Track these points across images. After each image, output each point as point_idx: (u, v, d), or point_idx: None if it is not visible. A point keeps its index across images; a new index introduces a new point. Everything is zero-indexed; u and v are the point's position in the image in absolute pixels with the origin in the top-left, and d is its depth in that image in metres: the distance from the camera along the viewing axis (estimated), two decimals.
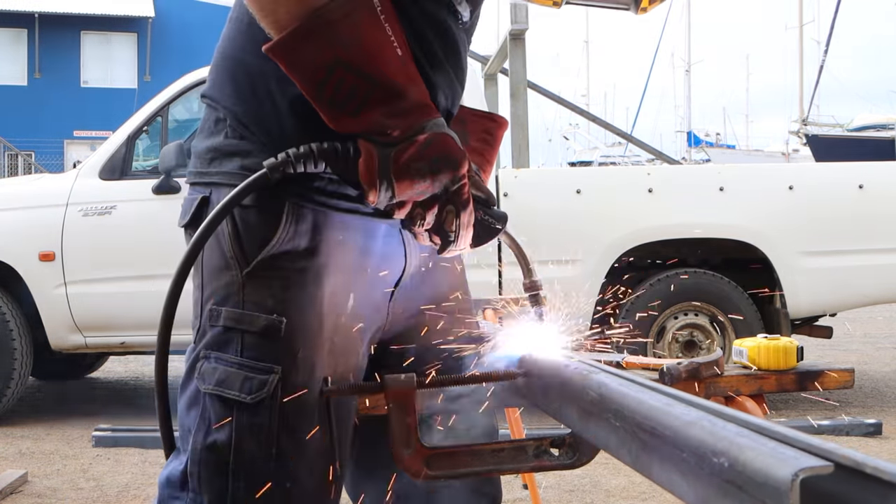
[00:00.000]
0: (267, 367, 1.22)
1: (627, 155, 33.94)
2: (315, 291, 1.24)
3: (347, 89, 1.12)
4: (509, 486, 3.75)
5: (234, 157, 1.26)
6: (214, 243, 1.25)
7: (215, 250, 1.26)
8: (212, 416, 1.23)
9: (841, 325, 7.38)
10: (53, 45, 29.16)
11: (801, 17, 39.05)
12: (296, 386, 1.22)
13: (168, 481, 1.28)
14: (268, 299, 1.23)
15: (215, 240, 1.25)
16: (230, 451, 1.22)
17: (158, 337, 1.22)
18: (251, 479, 1.22)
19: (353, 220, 1.28)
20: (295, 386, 1.22)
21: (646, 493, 3.67)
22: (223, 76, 1.31)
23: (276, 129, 1.24)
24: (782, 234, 5.16)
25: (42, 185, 5.39)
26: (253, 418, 1.21)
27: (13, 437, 4.68)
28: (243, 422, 1.22)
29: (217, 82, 1.31)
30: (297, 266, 1.24)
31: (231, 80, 1.29)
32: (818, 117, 34.82)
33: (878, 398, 5.58)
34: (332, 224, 1.26)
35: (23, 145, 25.49)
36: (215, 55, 1.34)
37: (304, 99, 1.16)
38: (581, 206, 5.09)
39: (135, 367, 7.00)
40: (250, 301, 1.23)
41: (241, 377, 1.22)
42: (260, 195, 1.22)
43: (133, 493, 3.73)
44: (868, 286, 5.26)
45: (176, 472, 1.27)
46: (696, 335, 5.08)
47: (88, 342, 4.96)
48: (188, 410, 1.27)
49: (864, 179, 5.31)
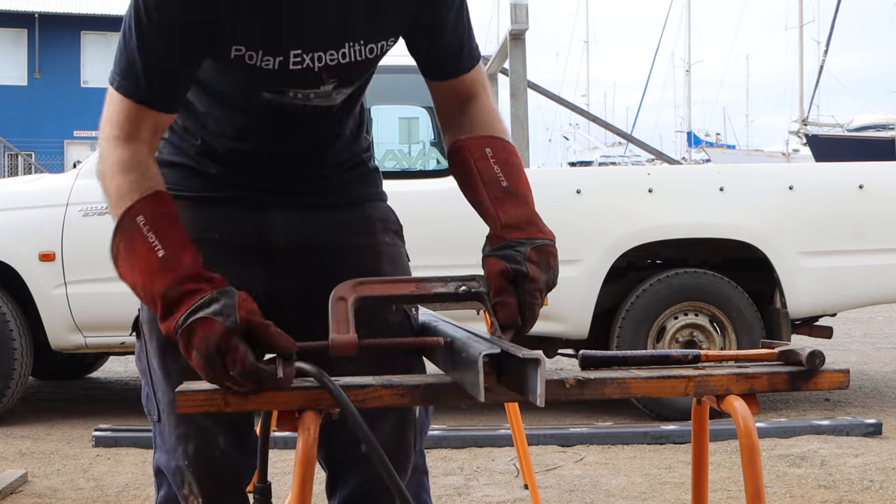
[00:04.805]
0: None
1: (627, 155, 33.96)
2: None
3: (145, 298, 1.44)
4: (509, 486, 3.75)
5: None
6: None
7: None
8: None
9: (841, 326, 7.38)
10: (53, 45, 29.15)
11: (801, 17, 39.02)
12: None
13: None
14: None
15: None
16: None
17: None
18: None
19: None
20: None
21: (646, 493, 3.68)
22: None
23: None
24: (782, 234, 5.16)
25: (42, 185, 5.39)
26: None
27: (13, 436, 4.68)
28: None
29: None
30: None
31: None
32: (818, 117, 34.82)
33: (877, 398, 5.59)
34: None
35: (23, 145, 25.49)
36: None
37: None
38: (581, 206, 5.08)
39: (135, 368, 7.00)
40: None
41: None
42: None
43: (133, 493, 3.73)
44: (868, 286, 5.26)
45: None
46: (696, 335, 5.08)
47: (88, 342, 4.95)
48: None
49: (864, 179, 5.31)
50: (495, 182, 1.58)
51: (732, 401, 1.41)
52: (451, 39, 1.64)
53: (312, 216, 1.71)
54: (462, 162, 1.62)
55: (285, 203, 1.70)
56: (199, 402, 1.35)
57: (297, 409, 1.34)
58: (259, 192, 1.70)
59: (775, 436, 4.45)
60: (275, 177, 1.70)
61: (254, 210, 1.69)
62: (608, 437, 4.48)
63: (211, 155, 1.69)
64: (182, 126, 1.70)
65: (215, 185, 1.69)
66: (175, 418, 1.62)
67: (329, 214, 1.72)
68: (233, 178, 1.70)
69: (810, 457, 4.13)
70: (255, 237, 1.69)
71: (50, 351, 5.05)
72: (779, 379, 1.44)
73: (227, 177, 1.70)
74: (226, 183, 1.69)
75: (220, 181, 1.69)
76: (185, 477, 1.63)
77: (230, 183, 1.70)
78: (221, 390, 1.35)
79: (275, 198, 1.70)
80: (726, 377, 1.42)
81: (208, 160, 1.70)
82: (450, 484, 3.76)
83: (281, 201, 1.70)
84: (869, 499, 3.56)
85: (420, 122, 6.20)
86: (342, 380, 1.38)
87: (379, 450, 1.31)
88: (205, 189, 1.69)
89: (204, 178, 1.70)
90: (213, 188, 1.69)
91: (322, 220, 1.71)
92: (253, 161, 1.70)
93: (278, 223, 1.69)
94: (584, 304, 5.00)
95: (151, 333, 1.64)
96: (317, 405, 1.34)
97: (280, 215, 1.70)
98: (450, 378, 1.42)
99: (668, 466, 4.05)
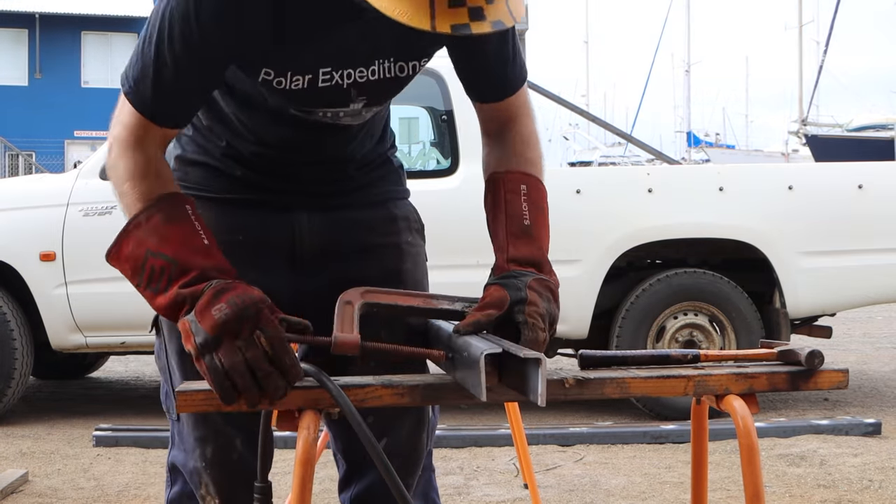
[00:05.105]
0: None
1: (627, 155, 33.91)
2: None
3: (158, 269, 1.41)
4: (509, 486, 3.76)
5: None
6: None
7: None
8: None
9: (840, 325, 7.38)
10: (54, 45, 29.15)
11: (800, 17, 39.04)
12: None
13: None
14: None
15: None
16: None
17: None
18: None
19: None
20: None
21: (645, 493, 3.68)
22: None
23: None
24: (782, 234, 5.16)
25: (42, 185, 5.39)
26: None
27: (14, 436, 4.68)
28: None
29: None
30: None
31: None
32: (818, 117, 34.81)
33: (877, 398, 5.59)
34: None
35: (23, 145, 25.51)
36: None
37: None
38: (581, 206, 5.09)
39: (135, 367, 7.01)
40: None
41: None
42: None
43: (133, 493, 3.74)
44: (868, 286, 5.26)
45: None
46: (696, 335, 5.09)
47: (89, 342, 4.96)
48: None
49: (863, 179, 5.31)
50: (518, 218, 1.58)
51: (732, 400, 1.41)
52: (494, 65, 1.62)
53: (337, 217, 1.71)
54: (495, 191, 1.62)
55: (310, 205, 1.70)
56: (198, 402, 1.35)
57: (297, 408, 1.35)
58: (284, 194, 1.70)
59: (775, 435, 4.46)
60: (300, 180, 1.70)
61: (279, 212, 1.69)
62: (608, 437, 4.49)
63: (236, 158, 1.69)
64: (207, 126, 1.69)
65: (240, 187, 1.68)
66: (194, 419, 1.62)
67: (354, 214, 1.72)
68: (257, 181, 1.69)
69: (809, 456, 4.13)
70: (280, 239, 1.68)
71: (50, 351, 5.05)
72: (778, 379, 1.44)
73: (251, 179, 1.69)
74: (250, 185, 1.69)
75: (245, 183, 1.68)
76: (203, 478, 1.64)
77: (255, 185, 1.69)
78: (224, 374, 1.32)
79: (300, 200, 1.70)
80: (726, 377, 1.42)
81: (233, 162, 1.69)
82: (450, 483, 3.76)
83: (306, 203, 1.70)
84: (868, 498, 3.57)
85: (420, 122, 6.21)
86: (342, 379, 1.38)
87: (378, 449, 1.32)
88: (229, 191, 1.68)
89: (229, 179, 1.69)
90: (238, 190, 1.68)
91: (347, 220, 1.72)
92: (278, 166, 1.69)
93: (303, 225, 1.69)
94: (583, 303, 5.01)
95: (171, 333, 1.63)
96: (316, 405, 1.34)
97: (305, 217, 1.70)
98: (450, 378, 1.43)
99: (667, 466, 4.05)
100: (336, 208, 1.71)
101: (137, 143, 1.49)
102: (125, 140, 1.49)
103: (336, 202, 1.72)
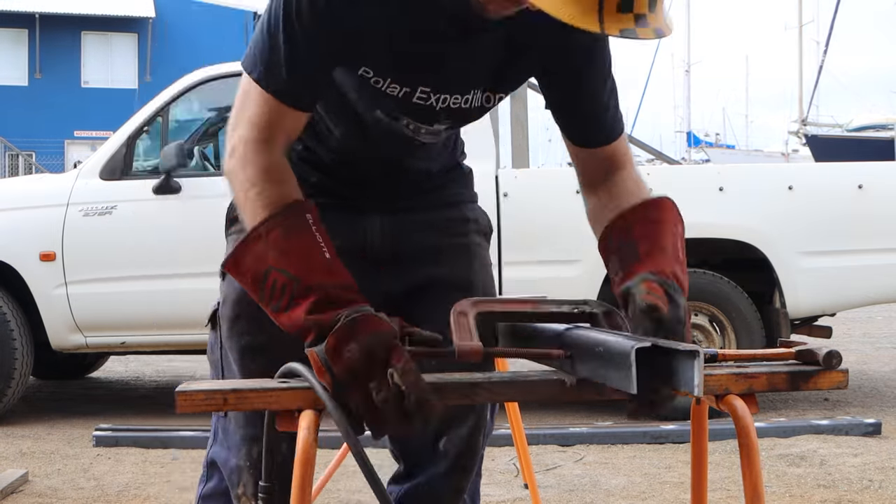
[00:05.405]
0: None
1: None
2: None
3: (280, 287, 1.37)
4: (509, 486, 3.76)
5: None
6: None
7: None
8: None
9: (840, 325, 7.38)
10: (54, 45, 29.14)
11: (800, 17, 38.99)
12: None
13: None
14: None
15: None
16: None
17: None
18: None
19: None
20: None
21: (645, 493, 3.68)
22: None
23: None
24: (782, 234, 5.16)
25: (42, 185, 5.39)
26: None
27: (14, 436, 4.69)
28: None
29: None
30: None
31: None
32: (818, 117, 34.78)
33: (877, 398, 5.59)
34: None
35: (23, 145, 25.50)
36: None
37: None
38: (581, 206, 5.06)
39: (135, 367, 7.01)
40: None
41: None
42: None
43: (133, 493, 3.74)
44: (868, 286, 5.26)
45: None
46: (696, 335, 5.09)
47: (89, 342, 4.96)
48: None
49: (863, 179, 5.31)
50: (675, 250, 1.66)
51: (732, 400, 1.40)
52: (600, 106, 1.65)
53: (410, 220, 1.73)
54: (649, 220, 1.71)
55: (383, 208, 1.72)
56: (198, 402, 1.35)
57: (297, 409, 1.35)
58: (357, 198, 1.71)
59: (775, 435, 4.46)
60: (374, 185, 1.72)
61: (353, 215, 1.71)
62: (608, 437, 4.49)
63: (314, 163, 1.70)
64: None
65: (315, 192, 1.66)
66: (244, 418, 1.62)
67: (426, 216, 1.75)
68: (332, 188, 1.70)
69: (809, 456, 4.13)
70: (354, 242, 1.69)
71: (50, 351, 5.05)
72: (778, 379, 1.44)
73: (326, 185, 1.70)
74: (325, 191, 1.69)
75: (320, 188, 1.69)
76: (243, 478, 1.64)
77: (329, 191, 1.70)
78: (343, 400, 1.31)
79: (373, 204, 1.72)
80: (725, 377, 1.42)
81: (309, 168, 1.69)
82: None
83: (379, 207, 1.72)
84: (868, 498, 3.57)
85: None
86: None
87: (361, 450, 1.31)
88: (306, 195, 1.67)
89: (305, 184, 1.65)
90: (314, 195, 1.65)
91: (419, 222, 1.74)
92: (353, 172, 1.71)
93: (376, 228, 1.72)
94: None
95: (231, 331, 1.65)
96: (316, 405, 1.34)
97: (378, 220, 1.72)
98: (563, 374, 1.41)
99: (667, 466, 4.06)
100: (408, 210, 1.74)
101: (265, 144, 1.47)
102: (253, 140, 1.47)
103: (408, 205, 1.74)
